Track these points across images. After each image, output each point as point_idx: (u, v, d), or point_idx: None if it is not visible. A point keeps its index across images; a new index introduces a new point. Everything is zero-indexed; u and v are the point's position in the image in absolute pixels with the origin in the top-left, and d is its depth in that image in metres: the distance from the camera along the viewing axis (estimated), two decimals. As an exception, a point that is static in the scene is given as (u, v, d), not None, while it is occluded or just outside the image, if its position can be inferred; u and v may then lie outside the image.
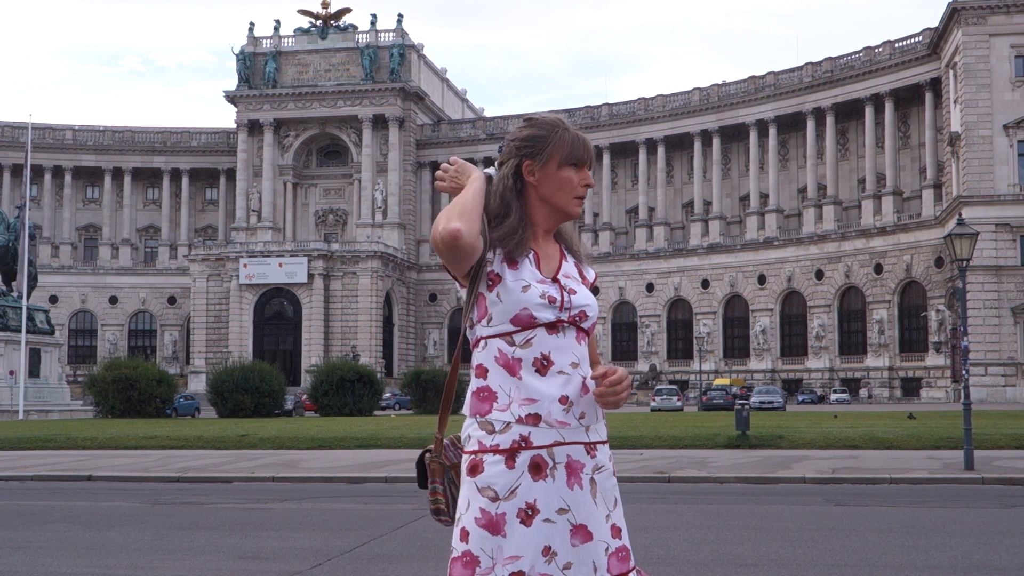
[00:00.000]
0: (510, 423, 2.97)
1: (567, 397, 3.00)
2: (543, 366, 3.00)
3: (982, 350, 63.82)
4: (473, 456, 2.99)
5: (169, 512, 13.16)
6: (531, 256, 3.09)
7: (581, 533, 2.97)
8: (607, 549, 3.01)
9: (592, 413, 3.06)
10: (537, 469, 2.96)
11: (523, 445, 2.96)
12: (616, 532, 3.05)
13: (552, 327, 3.03)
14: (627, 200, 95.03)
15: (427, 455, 3.18)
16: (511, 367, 3.01)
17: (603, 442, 3.09)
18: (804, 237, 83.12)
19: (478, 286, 3.03)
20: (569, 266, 3.16)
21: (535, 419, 2.97)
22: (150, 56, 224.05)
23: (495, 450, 2.97)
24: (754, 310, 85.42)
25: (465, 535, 2.95)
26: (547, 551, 2.93)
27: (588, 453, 3.03)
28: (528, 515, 2.93)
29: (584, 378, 3.07)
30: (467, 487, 2.99)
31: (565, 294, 3.06)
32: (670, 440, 23.25)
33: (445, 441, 3.17)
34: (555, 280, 3.08)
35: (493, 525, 2.92)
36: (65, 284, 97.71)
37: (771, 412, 47.70)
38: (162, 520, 12.34)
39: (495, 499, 2.94)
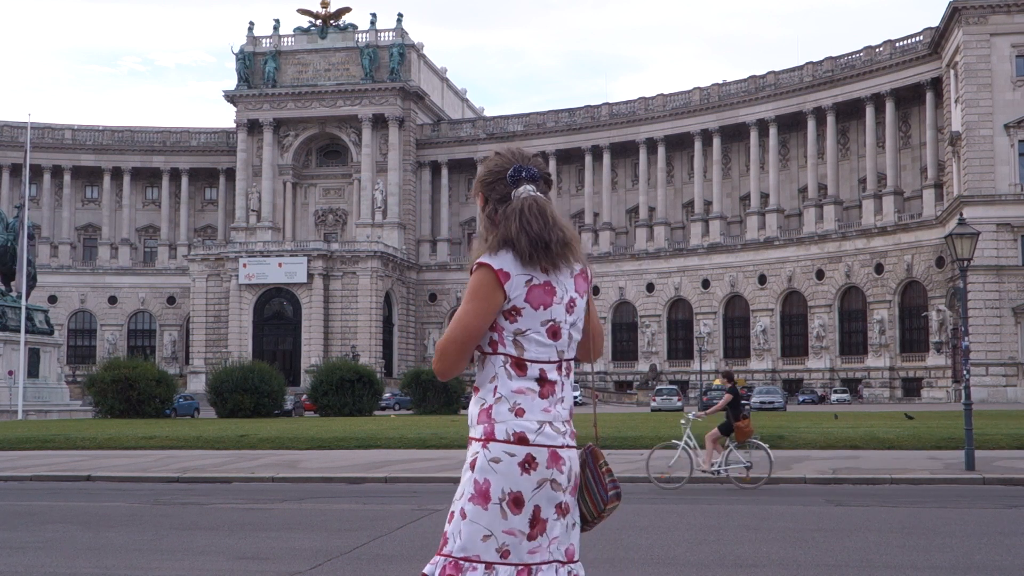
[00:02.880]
0: None
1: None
2: None
3: (983, 350, 63.76)
4: None
5: (168, 512, 13.14)
6: None
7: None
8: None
9: (472, 412, 3.58)
10: None
11: None
12: (450, 518, 3.62)
13: None
14: (627, 200, 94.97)
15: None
16: None
17: (474, 439, 3.54)
18: (805, 237, 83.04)
19: None
20: None
21: None
22: (149, 56, 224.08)
23: None
24: (754, 310, 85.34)
25: None
26: None
27: (468, 445, 3.59)
28: None
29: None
30: None
31: None
32: (670, 440, 23.18)
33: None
34: None
35: None
36: (64, 284, 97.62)
37: (772, 412, 47.69)
38: (162, 520, 12.32)
39: None
